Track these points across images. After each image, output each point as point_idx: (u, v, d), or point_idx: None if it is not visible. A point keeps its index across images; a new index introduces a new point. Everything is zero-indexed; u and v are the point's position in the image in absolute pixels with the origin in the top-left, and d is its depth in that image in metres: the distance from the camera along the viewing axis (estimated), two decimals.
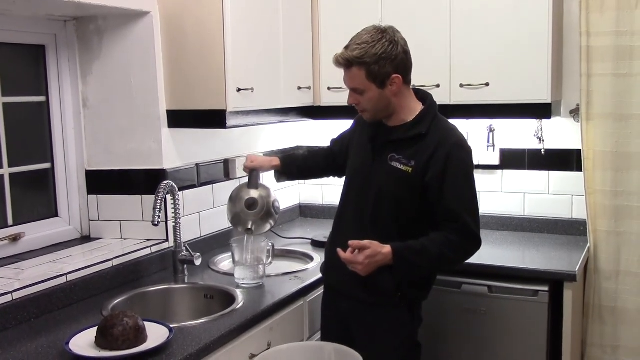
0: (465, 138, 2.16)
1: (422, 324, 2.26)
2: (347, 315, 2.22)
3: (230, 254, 2.83)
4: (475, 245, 2.09)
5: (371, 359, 2.07)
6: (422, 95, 2.19)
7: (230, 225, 2.60)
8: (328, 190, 3.56)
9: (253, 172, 2.48)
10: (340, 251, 2.04)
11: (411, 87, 2.17)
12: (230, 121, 2.52)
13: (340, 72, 3.05)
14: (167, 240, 2.63)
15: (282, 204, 3.39)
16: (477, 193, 2.13)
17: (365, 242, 2.01)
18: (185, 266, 2.55)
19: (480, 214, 3.18)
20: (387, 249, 2.01)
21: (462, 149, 2.09)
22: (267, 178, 2.68)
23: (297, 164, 2.55)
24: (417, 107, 2.14)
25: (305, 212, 3.65)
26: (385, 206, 2.10)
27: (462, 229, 2.04)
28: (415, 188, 2.06)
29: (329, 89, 3.11)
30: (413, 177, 2.05)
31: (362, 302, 2.17)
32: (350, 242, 2.02)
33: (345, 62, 2.03)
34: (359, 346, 2.05)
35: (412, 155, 2.06)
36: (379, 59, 2.00)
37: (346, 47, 2.04)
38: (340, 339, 2.09)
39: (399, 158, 2.08)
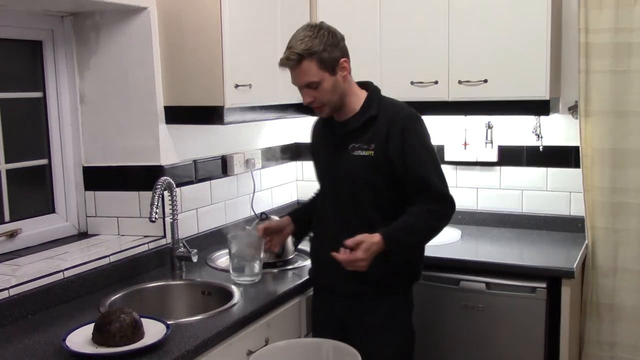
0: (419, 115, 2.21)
1: (413, 310, 2.31)
2: (342, 312, 2.24)
3: (227, 250, 2.84)
4: (451, 206, 2.16)
5: (370, 350, 2.09)
6: (363, 84, 2.24)
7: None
8: None
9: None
10: (336, 255, 2.03)
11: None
12: (228, 117, 2.51)
13: None
14: (164, 236, 2.63)
15: (280, 200, 3.40)
16: (439, 161, 2.20)
17: (358, 237, 2.03)
18: (183, 263, 2.55)
19: (478, 211, 3.24)
20: (377, 237, 2.04)
21: (414, 120, 2.15)
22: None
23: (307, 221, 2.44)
24: (362, 94, 2.20)
25: None
26: (362, 196, 2.15)
27: (435, 194, 2.11)
28: (382, 169, 2.11)
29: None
30: (377, 159, 2.11)
31: (357, 296, 2.19)
32: (347, 242, 2.02)
33: (296, 56, 2.04)
34: (355, 340, 2.05)
35: (371, 139, 2.12)
36: (326, 46, 2.05)
37: (289, 47, 2.07)
38: (335, 336, 2.09)
39: (359, 145, 2.13)
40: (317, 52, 2.04)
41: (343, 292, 2.21)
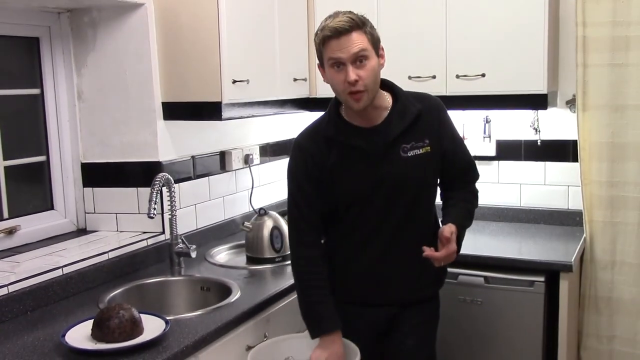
0: None
1: None
2: (384, 320, 2.11)
3: (226, 245, 2.84)
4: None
5: (411, 347, 2.11)
6: (383, 83, 2.05)
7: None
8: None
9: None
10: (434, 254, 1.90)
11: None
12: (225, 113, 2.51)
13: None
14: (163, 232, 2.63)
15: (279, 195, 3.40)
16: None
17: (447, 227, 1.93)
18: (182, 258, 2.55)
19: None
20: (454, 227, 1.96)
21: (444, 109, 2.11)
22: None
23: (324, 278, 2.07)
24: (383, 92, 2.03)
25: None
26: (422, 197, 2.05)
27: (474, 168, 2.16)
28: (435, 164, 2.05)
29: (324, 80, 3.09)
30: (432, 153, 2.02)
31: (405, 303, 2.10)
32: (444, 234, 1.90)
33: (349, 23, 1.84)
34: (397, 340, 2.08)
35: (423, 134, 2.01)
36: (370, 25, 1.92)
37: (334, 18, 1.88)
38: (371, 343, 2.08)
39: (412, 144, 1.99)
40: (368, 26, 1.90)
41: (389, 303, 2.09)
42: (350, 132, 2.00)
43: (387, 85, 2.05)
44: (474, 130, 3.20)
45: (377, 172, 1.98)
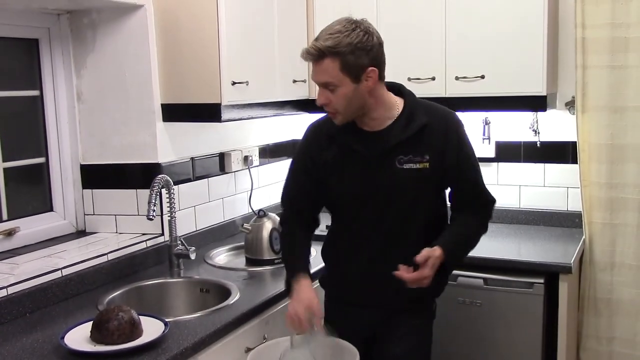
0: None
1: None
2: (373, 322, 2.10)
3: (225, 247, 2.84)
4: (493, 210, 2.11)
5: (399, 354, 2.07)
6: (393, 86, 2.02)
7: None
8: None
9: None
10: (402, 275, 1.86)
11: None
12: (225, 115, 2.51)
13: None
14: (162, 234, 2.63)
15: (278, 197, 3.39)
16: None
17: (424, 252, 1.87)
18: (181, 260, 2.55)
19: None
20: (438, 251, 1.90)
21: (462, 125, 2.04)
22: None
23: (308, 254, 2.16)
24: (393, 99, 1.98)
25: None
26: (412, 213, 1.98)
27: (486, 200, 2.07)
28: (434, 181, 1.97)
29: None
30: (432, 170, 1.94)
31: (392, 308, 2.08)
32: (417, 259, 1.86)
33: (318, 52, 1.82)
34: (385, 346, 2.05)
35: (425, 149, 1.94)
36: (355, 49, 1.81)
37: (316, 39, 1.85)
38: (363, 343, 2.05)
39: (410, 157, 1.93)
40: (342, 53, 1.80)
41: (377, 305, 2.08)
42: (351, 133, 1.98)
43: (399, 92, 2.02)
44: (474, 131, 3.19)
45: (370, 179, 1.97)
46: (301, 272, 2.01)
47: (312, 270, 2.17)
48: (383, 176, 1.96)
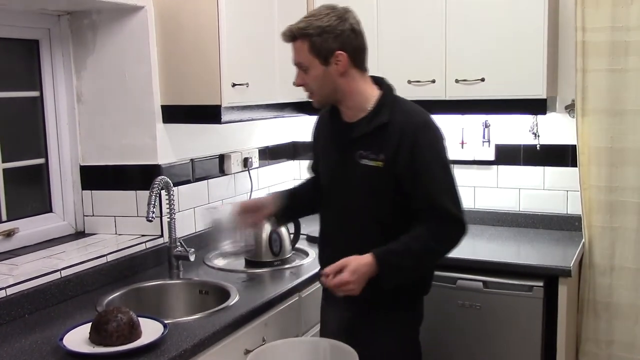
0: (432, 118, 2.02)
1: (422, 321, 2.19)
2: (349, 318, 2.10)
3: (224, 250, 2.84)
4: (460, 229, 1.95)
5: (374, 358, 2.05)
6: (377, 81, 2.05)
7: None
8: None
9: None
10: (323, 281, 1.91)
11: (368, 74, 2.04)
12: (225, 116, 2.51)
13: None
14: (161, 235, 2.63)
15: None
16: (454, 178, 1.97)
17: (341, 261, 1.87)
18: (180, 262, 2.54)
19: (475, 210, 3.24)
20: (367, 258, 1.87)
21: (428, 129, 1.96)
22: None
23: (298, 192, 2.35)
24: (374, 93, 2.00)
25: None
26: (366, 208, 1.99)
27: (442, 214, 1.91)
28: (389, 182, 1.94)
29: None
30: (385, 170, 1.93)
31: (365, 303, 2.04)
32: (325, 270, 1.89)
33: (290, 33, 1.95)
34: (361, 346, 2.04)
35: (380, 148, 1.93)
36: (322, 32, 1.89)
37: (294, 24, 1.98)
38: (344, 336, 2.02)
39: (367, 154, 1.95)
40: (310, 34, 1.90)
41: (350, 299, 2.02)
42: (335, 122, 2.08)
43: (381, 86, 2.04)
44: (473, 134, 3.20)
45: (336, 169, 2.07)
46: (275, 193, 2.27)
47: None
48: (344, 168, 2.02)
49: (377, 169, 1.94)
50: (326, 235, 2.17)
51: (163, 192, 2.51)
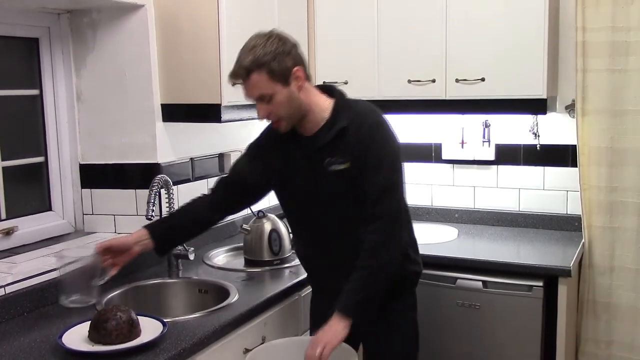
0: (385, 118, 2.04)
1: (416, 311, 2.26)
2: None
3: (224, 248, 2.84)
4: (394, 229, 1.97)
5: (375, 350, 2.10)
6: (327, 89, 2.08)
7: None
8: None
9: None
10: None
11: (314, 84, 2.07)
12: (225, 115, 2.51)
13: (337, 66, 3.08)
14: None
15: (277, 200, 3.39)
16: (402, 176, 2.00)
17: (312, 339, 1.89)
18: (180, 260, 2.54)
19: (475, 209, 3.24)
20: (333, 319, 1.89)
21: (380, 128, 1.99)
22: None
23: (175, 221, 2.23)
24: (327, 102, 2.03)
25: None
26: (346, 212, 2.01)
27: (381, 212, 1.94)
28: (359, 181, 1.97)
29: (324, 82, 3.10)
30: (353, 170, 1.97)
31: None
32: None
33: (244, 71, 1.89)
34: (361, 340, 2.05)
35: (345, 151, 1.97)
36: (275, 55, 1.89)
37: (237, 62, 1.92)
38: None
39: (335, 159, 1.98)
40: (266, 62, 1.87)
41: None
42: (292, 139, 2.06)
43: (331, 93, 2.06)
44: (474, 134, 3.20)
45: (307, 182, 2.05)
46: (146, 227, 2.14)
47: None
48: (315, 179, 2.03)
49: (346, 170, 1.98)
50: (306, 239, 2.20)
51: (162, 191, 2.51)
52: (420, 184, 3.38)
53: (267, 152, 2.14)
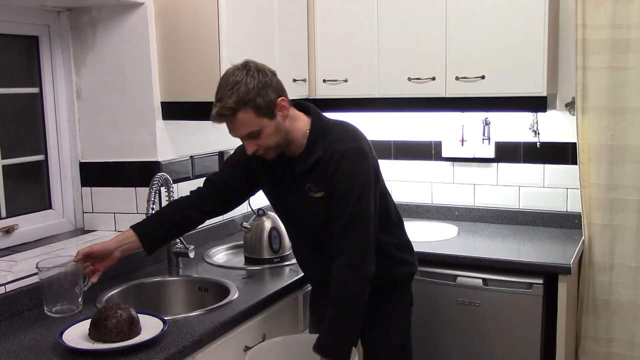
0: (360, 142, 2.00)
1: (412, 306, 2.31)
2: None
3: (224, 246, 2.84)
4: (358, 263, 1.92)
5: (370, 345, 2.11)
6: (303, 106, 2.06)
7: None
8: None
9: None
10: None
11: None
12: None
13: (336, 64, 3.08)
14: None
15: None
16: (369, 207, 1.94)
17: None
18: (180, 258, 2.55)
19: (475, 207, 3.24)
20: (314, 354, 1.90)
21: (350, 158, 1.94)
22: None
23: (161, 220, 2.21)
24: (304, 123, 2.01)
25: None
26: (328, 233, 1.98)
27: (344, 246, 1.92)
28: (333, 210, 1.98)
29: (324, 81, 3.10)
30: (326, 198, 1.97)
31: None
32: None
33: (231, 111, 1.84)
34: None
35: (319, 180, 1.97)
36: (259, 91, 1.85)
37: (219, 100, 1.86)
38: None
39: (312, 186, 1.99)
40: (251, 99, 1.84)
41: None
42: (277, 157, 2.02)
43: (308, 111, 2.04)
44: (473, 132, 3.20)
45: (288, 201, 2.10)
46: (131, 227, 2.14)
47: None
48: (296, 201, 2.05)
49: (321, 199, 1.99)
50: (298, 248, 2.26)
51: (162, 189, 2.51)
52: (420, 182, 3.38)
53: (253, 160, 2.09)
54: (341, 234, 1.92)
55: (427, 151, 3.34)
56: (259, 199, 3.20)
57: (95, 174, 2.65)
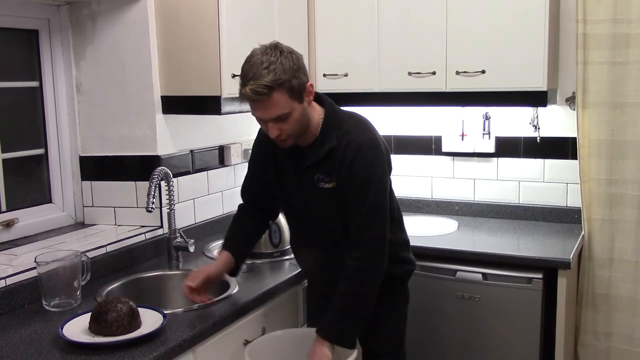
0: (374, 133, 2.00)
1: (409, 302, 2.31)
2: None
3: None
4: (378, 254, 1.94)
5: (370, 343, 2.13)
6: (317, 96, 2.00)
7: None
8: None
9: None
10: None
11: None
12: (225, 107, 2.50)
13: (336, 58, 3.07)
14: (161, 226, 2.63)
15: None
16: (385, 200, 1.96)
17: None
18: (180, 252, 2.55)
19: (475, 202, 3.24)
20: (316, 342, 1.91)
21: (366, 150, 1.93)
22: None
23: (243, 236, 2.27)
24: (317, 113, 1.98)
25: None
26: (335, 224, 2.01)
27: (363, 239, 1.92)
28: (345, 204, 1.97)
29: (324, 75, 3.10)
30: (338, 189, 1.95)
31: None
32: None
33: (267, 89, 1.77)
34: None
35: (331, 170, 1.95)
36: (294, 73, 1.80)
37: (253, 78, 1.78)
38: None
39: (323, 177, 1.97)
40: (287, 80, 1.78)
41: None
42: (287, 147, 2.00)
43: (322, 102, 2.02)
44: (474, 127, 3.20)
45: (297, 191, 2.05)
46: (223, 249, 2.18)
47: None
48: (306, 191, 2.02)
49: (332, 189, 1.97)
50: (298, 243, 2.25)
51: (163, 183, 2.51)
52: (420, 177, 3.38)
53: (263, 150, 2.11)
54: (359, 228, 1.92)
55: (427, 146, 3.34)
56: None
57: (95, 168, 2.65)
